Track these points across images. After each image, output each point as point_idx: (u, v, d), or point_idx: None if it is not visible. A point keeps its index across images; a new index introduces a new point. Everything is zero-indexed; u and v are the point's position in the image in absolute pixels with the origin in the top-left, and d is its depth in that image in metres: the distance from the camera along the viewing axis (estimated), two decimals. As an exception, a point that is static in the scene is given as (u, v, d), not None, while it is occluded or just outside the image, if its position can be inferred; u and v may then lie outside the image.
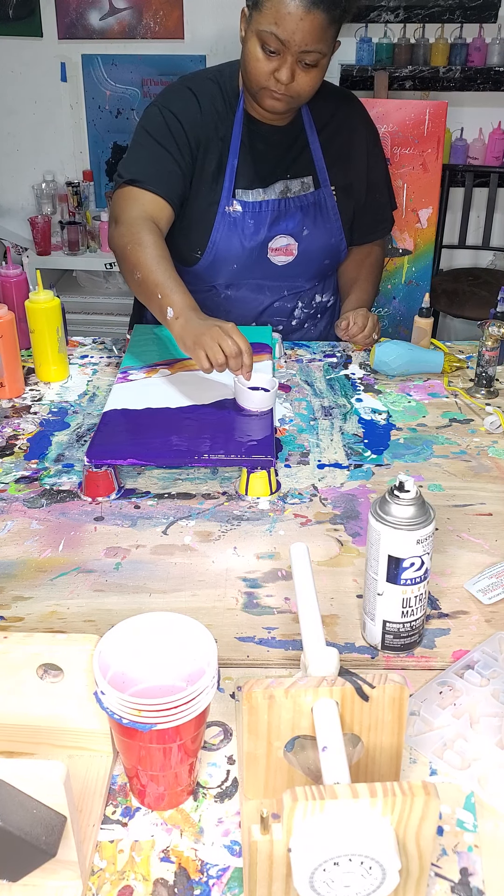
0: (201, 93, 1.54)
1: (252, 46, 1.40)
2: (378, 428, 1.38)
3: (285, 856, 0.60)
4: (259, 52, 1.39)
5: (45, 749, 0.79)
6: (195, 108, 1.53)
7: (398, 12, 3.32)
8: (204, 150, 1.54)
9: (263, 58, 1.39)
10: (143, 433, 1.25)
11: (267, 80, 1.41)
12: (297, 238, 1.62)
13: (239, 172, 1.56)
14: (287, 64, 1.38)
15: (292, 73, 1.39)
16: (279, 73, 1.39)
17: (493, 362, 1.46)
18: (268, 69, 1.40)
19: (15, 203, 3.75)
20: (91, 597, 1.01)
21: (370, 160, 1.68)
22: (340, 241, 1.67)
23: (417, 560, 0.86)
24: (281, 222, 1.60)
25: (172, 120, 1.52)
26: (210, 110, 1.54)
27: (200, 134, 1.53)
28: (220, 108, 1.54)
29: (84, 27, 3.44)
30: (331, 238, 1.65)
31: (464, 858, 0.72)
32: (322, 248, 1.65)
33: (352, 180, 1.65)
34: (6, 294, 1.56)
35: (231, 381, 1.34)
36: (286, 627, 0.97)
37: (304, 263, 1.65)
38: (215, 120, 1.54)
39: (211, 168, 1.55)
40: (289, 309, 1.71)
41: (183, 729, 0.70)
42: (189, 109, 1.53)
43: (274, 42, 1.36)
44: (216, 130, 1.54)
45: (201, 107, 1.53)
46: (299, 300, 1.71)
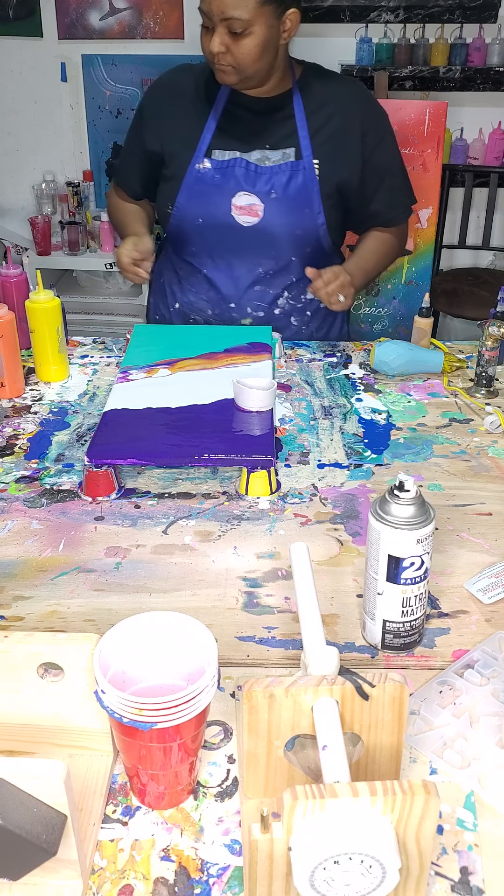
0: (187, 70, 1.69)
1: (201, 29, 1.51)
2: (378, 428, 1.38)
3: (285, 854, 0.60)
4: (202, 31, 1.50)
5: (45, 748, 0.79)
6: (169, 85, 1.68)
7: (398, 12, 3.32)
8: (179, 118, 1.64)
9: (204, 34, 1.50)
10: (143, 433, 1.25)
11: (209, 54, 1.50)
12: (263, 199, 1.60)
13: (216, 136, 1.62)
14: (215, 34, 1.46)
15: (221, 41, 1.46)
16: (210, 44, 1.48)
17: (492, 362, 1.46)
18: (207, 44, 1.49)
19: (15, 203, 3.75)
20: (91, 596, 1.01)
21: (369, 142, 1.64)
22: (318, 214, 1.62)
23: (417, 559, 0.86)
24: (247, 182, 1.60)
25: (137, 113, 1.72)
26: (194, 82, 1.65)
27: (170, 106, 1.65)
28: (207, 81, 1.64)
29: (84, 27, 3.44)
30: (304, 208, 1.61)
31: (464, 857, 0.72)
32: (293, 216, 1.61)
33: (341, 160, 1.62)
34: (6, 294, 1.56)
35: (231, 381, 1.34)
36: (286, 627, 0.97)
37: (273, 230, 1.61)
38: (199, 90, 1.64)
39: (189, 131, 1.63)
40: (271, 296, 1.69)
41: (183, 728, 0.70)
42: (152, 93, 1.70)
43: (204, 17, 1.47)
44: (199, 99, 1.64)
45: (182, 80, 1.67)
46: (284, 289, 1.68)
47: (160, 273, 1.80)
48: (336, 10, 3.32)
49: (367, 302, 3.00)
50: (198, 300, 1.72)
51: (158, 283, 1.81)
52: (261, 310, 1.70)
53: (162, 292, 1.80)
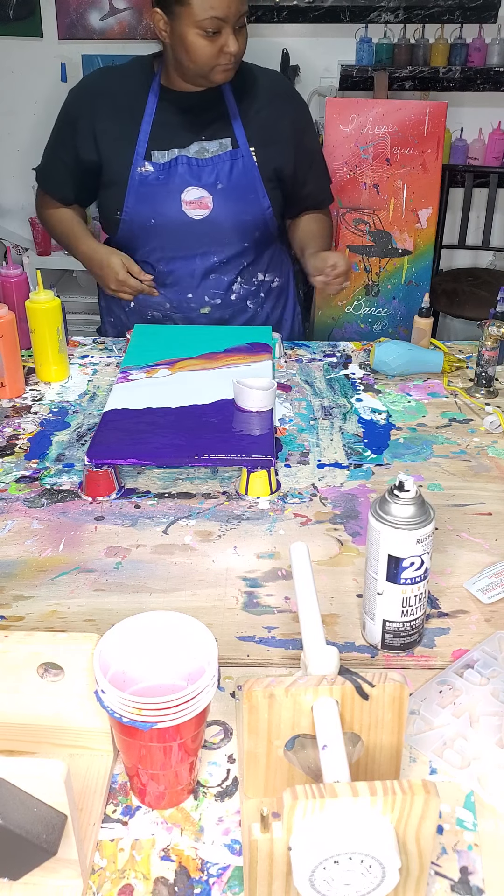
0: (109, 73, 1.70)
1: (192, 38, 1.48)
2: (378, 428, 1.39)
3: (285, 854, 0.60)
4: (202, 41, 1.48)
5: (45, 748, 0.79)
6: (92, 88, 1.68)
7: (398, 12, 3.32)
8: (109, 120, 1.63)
9: (207, 42, 1.49)
10: (143, 433, 1.25)
11: (217, 59, 1.51)
12: (210, 191, 1.62)
13: (153, 137, 1.62)
14: (231, 36, 1.48)
15: (236, 39, 1.49)
16: (227, 47, 1.49)
17: (492, 362, 1.46)
18: (214, 50, 1.49)
19: (15, 203, 3.75)
20: (91, 596, 1.01)
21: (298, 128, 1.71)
22: (263, 199, 1.66)
23: (417, 559, 0.86)
24: (192, 177, 1.62)
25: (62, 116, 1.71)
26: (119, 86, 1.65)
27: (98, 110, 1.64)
28: (133, 84, 1.65)
29: (84, 27, 3.44)
30: (249, 194, 1.64)
31: (464, 857, 0.72)
32: (241, 203, 1.65)
33: (277, 147, 1.66)
34: (7, 294, 1.56)
35: (231, 381, 1.34)
36: (286, 627, 0.97)
37: (224, 219, 1.64)
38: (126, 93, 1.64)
39: (123, 136, 1.63)
40: (225, 282, 1.70)
41: (183, 728, 0.70)
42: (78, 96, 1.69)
43: (213, 24, 1.46)
44: (128, 101, 1.64)
45: (105, 83, 1.67)
46: (237, 274, 1.71)
47: None
48: (336, 10, 3.32)
49: (366, 302, 3.00)
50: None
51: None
52: (217, 297, 1.72)
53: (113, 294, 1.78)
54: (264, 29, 3.30)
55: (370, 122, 2.77)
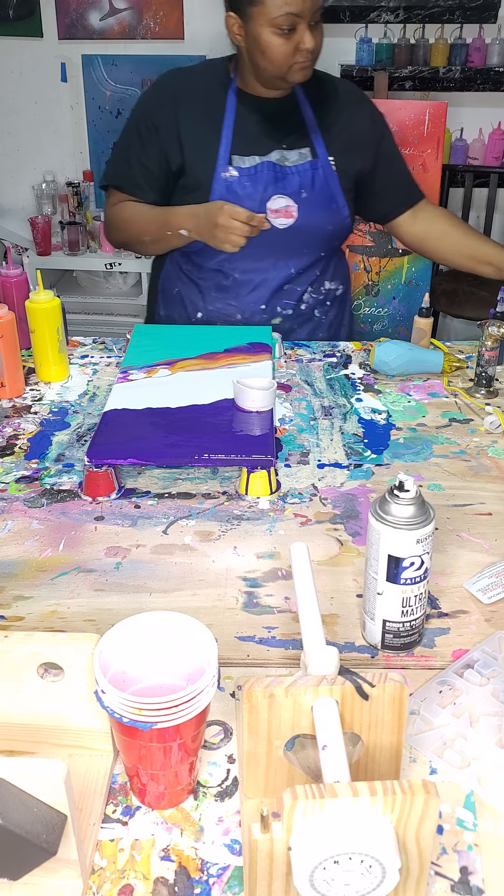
0: (186, 75, 1.67)
1: (267, 37, 1.48)
2: (378, 428, 1.39)
3: (285, 854, 0.60)
4: (277, 39, 1.48)
5: (45, 748, 0.79)
6: (173, 89, 1.64)
7: (398, 13, 3.32)
8: (191, 123, 1.62)
9: (283, 41, 1.48)
10: (143, 433, 1.25)
11: (293, 57, 1.50)
12: (296, 200, 1.62)
13: (234, 142, 1.61)
14: (306, 32, 1.47)
15: (312, 36, 1.48)
16: (303, 43, 1.48)
17: (492, 362, 1.46)
18: (290, 48, 1.49)
19: (15, 203, 3.75)
20: (91, 596, 1.01)
21: (376, 133, 1.71)
22: (343, 208, 1.66)
23: (417, 559, 0.86)
24: (278, 184, 1.61)
25: (143, 115, 1.66)
26: (197, 88, 1.63)
27: (182, 107, 1.62)
28: (210, 87, 1.63)
29: (84, 27, 3.45)
30: (331, 203, 1.65)
31: (464, 857, 0.72)
32: (324, 212, 1.65)
33: (355, 155, 1.66)
34: (6, 294, 1.56)
35: (231, 381, 1.34)
36: (286, 627, 0.97)
37: (307, 229, 1.63)
38: (205, 96, 1.63)
39: (205, 139, 1.61)
40: (298, 293, 1.71)
41: (183, 728, 0.70)
42: (163, 94, 1.64)
43: (288, 20, 1.45)
44: (207, 105, 1.62)
45: (184, 85, 1.64)
46: (309, 285, 1.71)
47: (171, 284, 1.77)
48: (336, 10, 3.32)
49: (366, 302, 3.00)
50: (226, 306, 1.70)
51: (171, 295, 1.78)
52: (289, 307, 1.71)
53: (178, 303, 1.77)
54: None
55: (370, 122, 2.76)
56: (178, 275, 1.75)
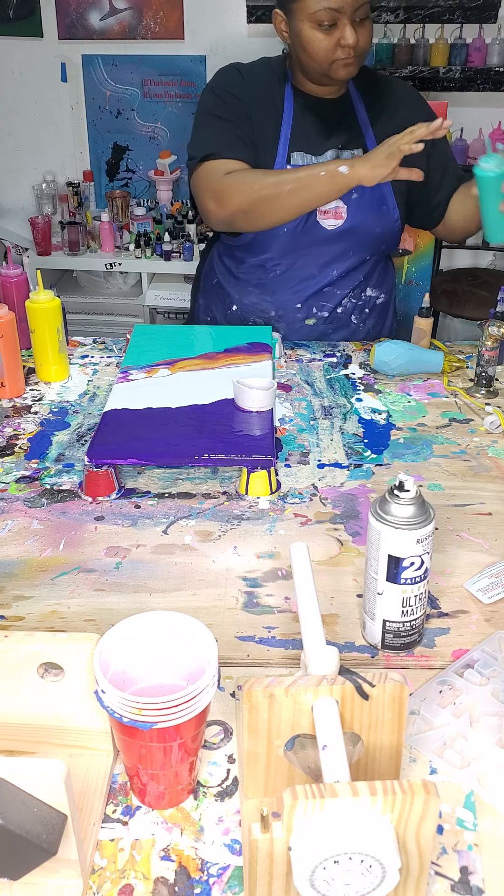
0: (247, 70, 1.64)
1: (308, 33, 1.48)
2: (378, 428, 1.39)
3: (285, 854, 0.60)
4: (318, 34, 1.48)
5: (45, 748, 0.79)
6: (242, 82, 1.62)
7: (398, 13, 3.32)
8: (257, 119, 1.60)
9: (324, 36, 1.48)
10: (143, 433, 1.25)
11: (334, 53, 1.49)
12: (345, 201, 1.61)
13: (292, 139, 1.61)
14: (347, 27, 1.47)
15: (354, 32, 1.47)
16: (344, 39, 1.47)
17: (492, 362, 1.46)
18: (331, 43, 1.48)
19: (15, 203, 3.75)
20: (91, 596, 1.02)
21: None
22: (393, 210, 1.65)
23: (417, 559, 0.86)
24: None
25: (225, 93, 1.61)
26: (258, 85, 1.62)
27: (251, 102, 1.61)
28: (269, 85, 1.63)
29: (84, 27, 3.44)
30: (382, 206, 1.64)
31: (464, 857, 0.72)
32: (373, 215, 1.64)
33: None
34: (7, 294, 1.56)
35: (231, 381, 1.34)
36: (286, 627, 0.97)
37: (355, 231, 1.63)
38: (266, 94, 1.62)
39: (266, 137, 1.61)
40: (337, 297, 1.70)
41: (183, 728, 0.70)
42: (237, 83, 1.62)
43: (328, 15, 1.45)
44: (268, 102, 1.61)
45: (248, 81, 1.62)
46: (350, 290, 1.70)
47: (212, 274, 1.78)
48: (336, 10, 3.32)
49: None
50: (261, 301, 1.70)
51: (211, 285, 1.79)
52: (326, 310, 1.71)
53: (216, 294, 1.77)
54: (265, 30, 3.30)
55: (370, 122, 2.76)
56: (218, 267, 1.76)
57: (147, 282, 3.56)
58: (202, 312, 1.83)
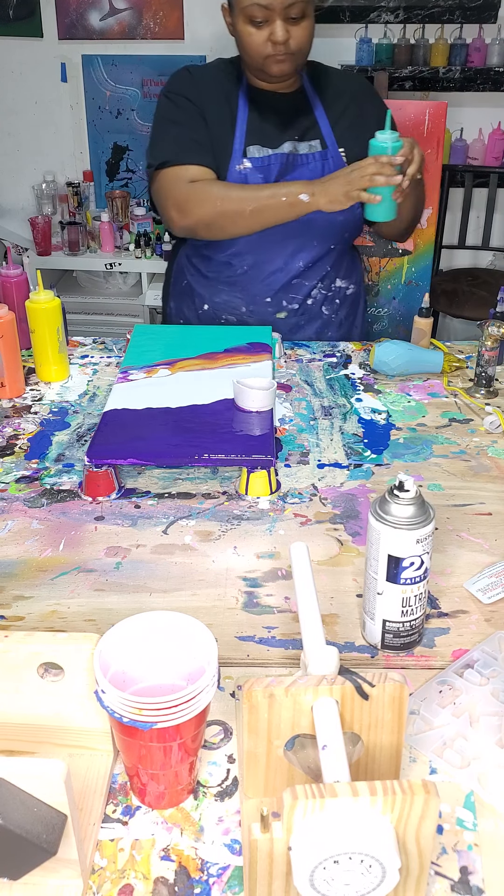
0: (200, 71, 1.68)
1: (242, 27, 1.52)
2: (378, 428, 1.39)
3: (285, 854, 0.60)
4: (250, 29, 1.51)
5: (45, 748, 0.79)
6: (194, 84, 1.65)
7: (398, 13, 3.32)
8: (212, 119, 1.63)
9: (255, 30, 1.51)
10: (143, 433, 1.25)
11: (266, 48, 1.52)
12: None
13: (248, 135, 1.63)
14: (278, 25, 1.49)
15: (286, 30, 1.50)
16: (274, 36, 1.50)
17: (492, 362, 1.46)
18: (262, 38, 1.52)
19: (15, 203, 3.75)
20: (91, 596, 1.02)
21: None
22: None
23: (417, 559, 0.86)
24: (290, 174, 1.63)
25: (181, 100, 1.64)
26: (212, 85, 1.65)
27: (204, 103, 1.63)
28: (223, 84, 1.65)
29: (84, 28, 3.44)
30: None
31: (464, 857, 0.72)
32: None
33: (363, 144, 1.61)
34: (7, 294, 1.56)
35: (231, 381, 1.34)
36: (286, 627, 0.97)
37: (317, 220, 1.62)
38: (220, 93, 1.64)
39: (221, 134, 1.63)
40: (306, 288, 1.71)
41: (183, 728, 0.70)
42: (188, 85, 1.65)
43: (260, 12, 1.49)
44: (222, 101, 1.64)
45: (201, 82, 1.65)
46: (318, 280, 1.71)
47: (181, 276, 1.78)
48: (336, 10, 3.32)
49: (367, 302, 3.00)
50: (232, 298, 1.71)
51: (181, 287, 1.79)
52: (296, 302, 1.72)
53: (187, 295, 1.78)
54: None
55: (370, 122, 2.76)
56: (187, 268, 1.77)
57: (147, 282, 3.56)
58: (174, 315, 1.83)
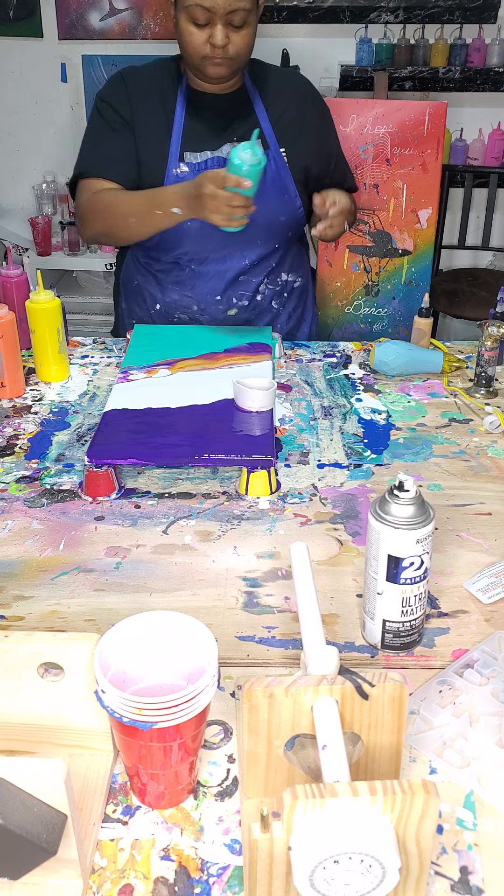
0: (137, 73, 1.67)
1: (184, 24, 1.51)
2: (378, 428, 1.39)
3: (285, 854, 0.60)
4: (191, 27, 1.50)
5: (45, 748, 0.79)
6: (126, 88, 1.64)
7: (398, 13, 3.32)
8: (144, 122, 1.63)
9: (196, 30, 1.50)
10: (143, 433, 1.25)
11: (204, 49, 1.51)
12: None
13: (185, 138, 1.62)
14: (218, 29, 1.48)
15: (225, 35, 1.49)
16: (213, 39, 1.49)
17: (492, 362, 1.46)
18: (202, 39, 1.50)
19: (15, 203, 3.75)
20: (91, 596, 1.02)
21: (321, 129, 1.73)
22: (295, 198, 1.68)
23: (417, 559, 0.86)
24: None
25: (104, 107, 1.65)
26: (148, 87, 1.64)
27: (134, 108, 1.63)
28: (161, 85, 1.65)
29: (84, 28, 3.44)
30: (283, 194, 1.66)
31: (463, 857, 0.72)
32: (276, 204, 1.65)
33: (304, 145, 1.68)
34: (7, 294, 1.56)
35: (231, 381, 1.34)
36: (286, 626, 0.97)
37: (259, 220, 1.60)
38: (156, 94, 1.64)
39: (156, 137, 1.62)
40: (254, 284, 1.71)
41: (183, 727, 0.70)
42: (120, 91, 1.65)
43: (201, 13, 1.47)
44: (158, 103, 1.63)
45: (133, 86, 1.65)
46: (265, 276, 1.71)
47: (130, 278, 1.78)
48: (336, 10, 3.32)
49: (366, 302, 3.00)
50: (182, 298, 1.72)
51: (131, 288, 1.79)
52: (245, 298, 1.72)
53: (137, 296, 1.78)
54: (264, 29, 3.29)
55: (370, 122, 2.77)
56: (136, 268, 1.77)
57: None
58: (126, 316, 1.82)
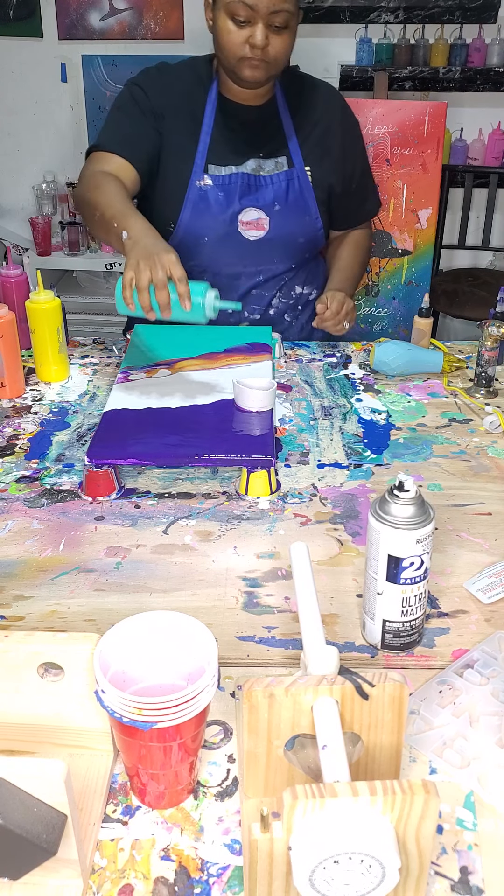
0: (170, 71, 1.63)
1: (223, 22, 1.47)
2: (378, 428, 1.39)
3: (285, 854, 0.60)
4: (230, 25, 1.46)
5: (45, 748, 0.79)
6: (160, 82, 1.61)
7: (398, 13, 3.32)
8: (172, 123, 1.59)
9: (235, 29, 1.46)
10: (143, 433, 1.25)
11: (242, 50, 1.48)
12: (268, 213, 1.61)
13: (211, 149, 1.60)
14: (259, 28, 1.45)
15: (265, 36, 1.45)
16: (253, 39, 1.45)
17: (492, 362, 1.46)
18: (241, 39, 1.47)
19: (15, 203, 3.75)
20: (91, 596, 1.02)
21: (347, 147, 1.70)
22: (316, 220, 1.67)
23: (417, 559, 0.86)
24: (251, 196, 1.61)
25: (137, 91, 1.60)
26: (180, 88, 1.60)
27: (167, 104, 1.59)
28: (192, 88, 1.61)
29: (84, 28, 3.44)
30: (304, 216, 1.65)
31: (463, 857, 0.72)
32: (296, 225, 1.65)
33: (328, 164, 1.66)
34: (7, 294, 1.56)
35: (231, 381, 1.34)
36: (286, 626, 0.97)
37: (278, 241, 1.63)
38: (186, 97, 1.60)
39: (182, 143, 1.59)
40: (266, 298, 1.71)
41: (183, 727, 0.70)
42: (154, 83, 1.61)
43: (243, 10, 1.44)
44: (188, 107, 1.60)
45: (168, 82, 1.61)
46: (278, 290, 1.71)
47: None
48: (336, 10, 3.32)
49: (366, 302, 3.00)
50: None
51: None
52: (257, 312, 1.72)
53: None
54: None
55: (370, 122, 2.76)
56: None
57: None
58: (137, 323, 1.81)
